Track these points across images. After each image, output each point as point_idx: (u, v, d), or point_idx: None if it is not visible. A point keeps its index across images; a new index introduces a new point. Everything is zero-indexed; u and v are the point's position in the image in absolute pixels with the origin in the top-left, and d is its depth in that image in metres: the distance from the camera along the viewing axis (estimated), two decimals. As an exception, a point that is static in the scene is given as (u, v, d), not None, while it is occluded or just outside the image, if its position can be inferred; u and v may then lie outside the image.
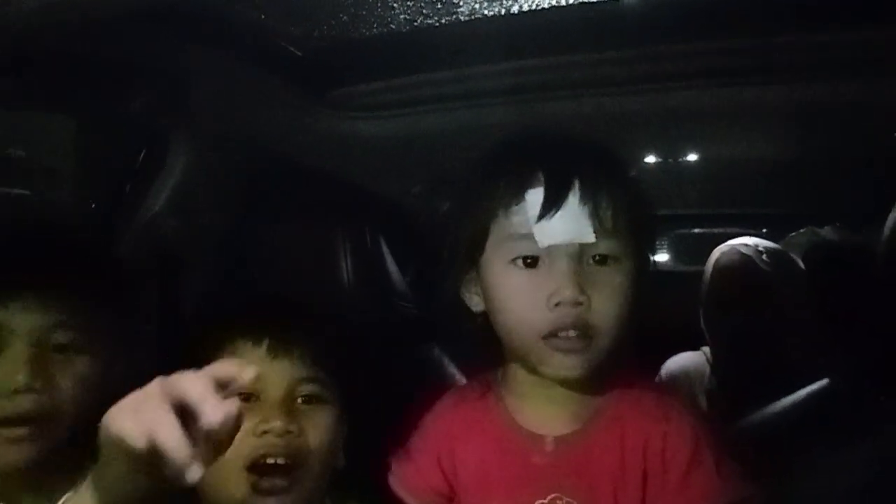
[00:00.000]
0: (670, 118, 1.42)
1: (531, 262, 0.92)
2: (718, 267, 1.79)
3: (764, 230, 2.34)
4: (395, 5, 0.97)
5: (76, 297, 0.98)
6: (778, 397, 1.23)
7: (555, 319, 0.91)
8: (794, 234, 2.11)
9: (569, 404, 0.97)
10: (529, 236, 0.91)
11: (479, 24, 1.00)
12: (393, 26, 1.02)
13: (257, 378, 0.98)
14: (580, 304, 0.90)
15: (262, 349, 1.02)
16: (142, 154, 1.27)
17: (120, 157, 1.28)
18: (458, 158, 1.01)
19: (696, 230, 2.87)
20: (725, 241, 1.86)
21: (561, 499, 0.95)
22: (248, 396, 1.00)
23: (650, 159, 1.76)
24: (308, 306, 1.10)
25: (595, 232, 0.91)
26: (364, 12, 0.99)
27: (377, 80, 1.18)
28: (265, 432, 0.98)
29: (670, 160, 1.77)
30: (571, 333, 0.91)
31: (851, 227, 2.01)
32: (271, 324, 1.03)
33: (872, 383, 1.12)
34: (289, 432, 0.99)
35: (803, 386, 1.22)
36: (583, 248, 0.91)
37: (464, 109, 1.25)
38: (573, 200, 0.91)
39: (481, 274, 0.98)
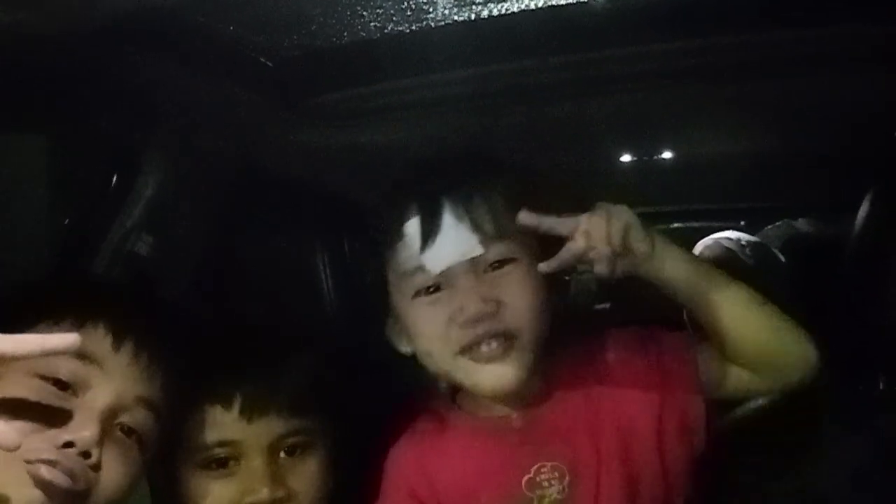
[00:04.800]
0: (644, 117, 1.42)
1: (433, 289, 0.93)
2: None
3: (742, 223, 2.36)
4: (364, 13, 0.96)
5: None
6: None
7: (468, 334, 0.91)
8: (770, 227, 2.12)
9: (523, 387, 0.97)
10: (421, 267, 0.92)
11: (450, 30, 1.00)
12: (363, 34, 1.02)
13: (232, 444, 0.95)
14: (489, 312, 0.90)
15: (234, 413, 0.96)
16: (114, 170, 1.25)
17: (92, 174, 1.27)
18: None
19: (676, 225, 2.89)
20: (705, 235, 1.87)
21: (545, 466, 0.96)
22: (227, 461, 0.96)
23: (626, 158, 1.76)
24: (277, 349, 1.02)
25: (481, 243, 0.91)
26: (334, 21, 0.98)
27: (349, 88, 1.17)
28: None
29: (646, 158, 1.78)
30: (493, 344, 0.91)
31: (825, 219, 2.03)
32: (240, 383, 0.96)
33: (853, 373, 1.13)
34: (277, 500, 0.95)
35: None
36: (475, 260, 0.92)
37: (437, 115, 1.25)
38: (448, 220, 0.91)
39: (398, 316, 0.98)
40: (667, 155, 1.79)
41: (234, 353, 1.00)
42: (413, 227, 0.93)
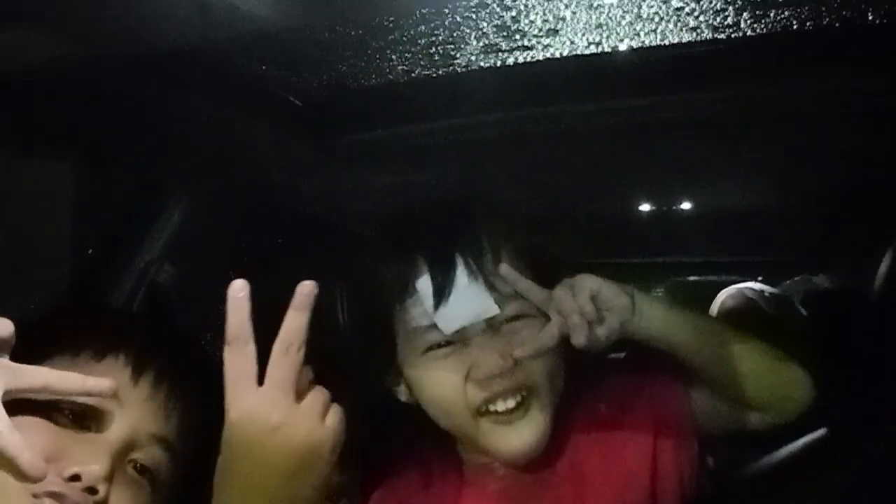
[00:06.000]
0: (664, 167, 1.43)
1: (446, 343, 0.90)
2: (724, 309, 1.79)
3: (759, 278, 2.35)
4: (392, 57, 0.98)
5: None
6: (778, 445, 1.22)
7: (485, 391, 0.88)
8: (789, 281, 2.12)
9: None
10: (433, 326, 0.89)
11: (476, 76, 1.02)
12: (391, 77, 1.04)
13: None
14: (507, 368, 0.87)
15: None
16: (139, 200, 1.27)
17: (117, 204, 1.29)
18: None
19: (692, 278, 2.88)
20: (720, 289, 1.86)
21: None
22: None
23: (644, 207, 1.77)
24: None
25: (497, 302, 0.88)
26: (363, 63, 1.00)
27: (375, 129, 1.19)
28: None
29: (664, 208, 1.78)
30: (510, 401, 0.88)
31: (844, 274, 2.02)
32: None
33: (869, 431, 1.11)
34: None
35: (803, 433, 1.21)
36: (490, 318, 0.89)
37: (461, 159, 1.26)
38: (462, 279, 0.88)
39: (401, 367, 0.95)
40: (685, 206, 1.80)
41: None
42: (424, 284, 0.89)
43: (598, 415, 0.98)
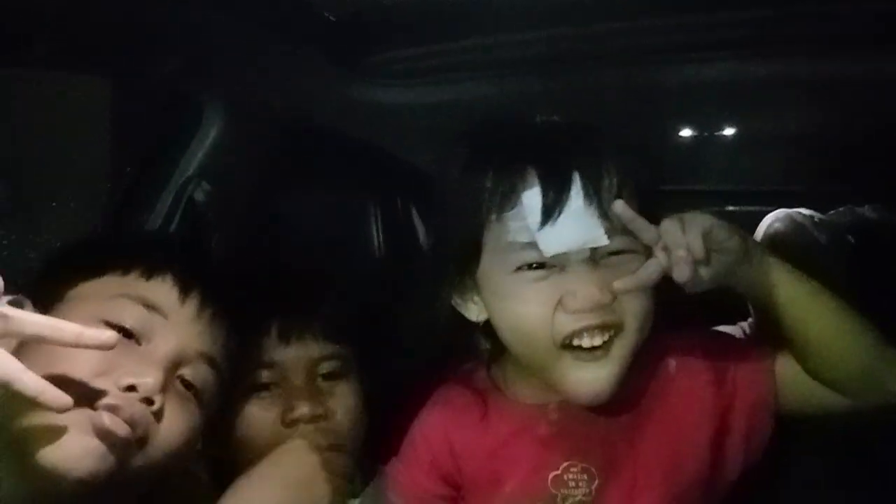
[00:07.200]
0: (705, 91, 1.39)
1: (539, 265, 0.85)
2: (770, 233, 1.75)
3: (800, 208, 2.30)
4: (428, -31, 0.95)
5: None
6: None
7: (576, 322, 0.83)
8: (833, 212, 2.07)
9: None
10: (533, 244, 0.83)
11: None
12: (427, -10, 1.01)
13: (273, 366, 0.99)
14: (604, 303, 0.82)
15: (273, 336, 0.99)
16: (176, 118, 1.27)
17: (154, 122, 1.29)
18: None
19: (730, 208, 2.83)
20: (760, 218, 1.83)
21: (575, 465, 0.91)
22: (268, 385, 1.00)
23: (684, 133, 1.73)
24: (315, 281, 1.07)
25: (607, 232, 0.82)
26: (399, -24, 0.98)
27: (410, 46, 1.16)
28: (294, 421, 0.98)
29: (704, 134, 1.74)
30: (596, 338, 0.84)
31: (889, 206, 1.97)
32: (278, 308, 1.00)
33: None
34: (318, 416, 0.98)
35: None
36: (595, 248, 0.83)
37: (497, 77, 1.23)
38: (576, 199, 0.82)
39: (480, 283, 0.90)
40: (726, 132, 1.76)
41: (277, 286, 1.05)
42: (533, 198, 0.82)
43: (670, 371, 0.93)
